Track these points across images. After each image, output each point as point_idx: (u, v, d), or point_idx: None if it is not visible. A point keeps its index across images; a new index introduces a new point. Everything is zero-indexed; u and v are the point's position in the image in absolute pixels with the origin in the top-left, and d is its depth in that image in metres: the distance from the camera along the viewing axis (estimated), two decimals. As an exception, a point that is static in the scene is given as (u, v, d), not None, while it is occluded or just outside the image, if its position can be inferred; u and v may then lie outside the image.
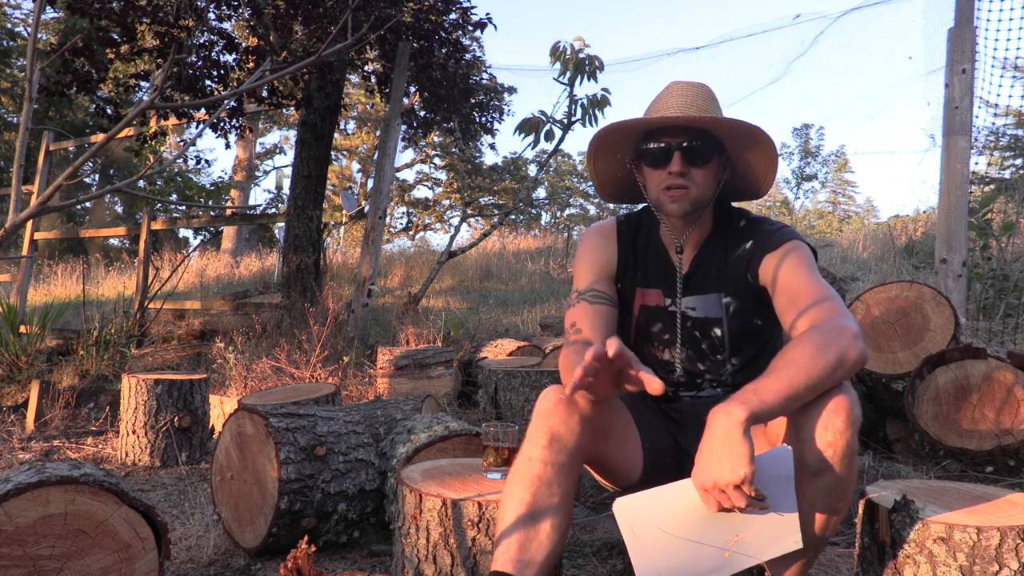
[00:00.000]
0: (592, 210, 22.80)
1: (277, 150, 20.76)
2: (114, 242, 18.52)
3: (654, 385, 1.13)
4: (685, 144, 1.38)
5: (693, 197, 1.40)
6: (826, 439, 1.15)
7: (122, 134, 6.30)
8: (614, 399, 1.48)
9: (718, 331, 1.47)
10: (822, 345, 1.16)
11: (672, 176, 1.38)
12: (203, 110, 6.02)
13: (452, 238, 6.52)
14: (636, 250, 1.53)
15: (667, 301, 1.50)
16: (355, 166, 21.39)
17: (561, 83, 5.64)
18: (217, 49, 5.82)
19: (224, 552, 2.03)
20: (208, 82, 5.83)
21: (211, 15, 5.81)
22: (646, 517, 1.17)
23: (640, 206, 1.59)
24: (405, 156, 19.87)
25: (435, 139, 17.45)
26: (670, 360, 1.52)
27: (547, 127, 5.66)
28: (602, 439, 1.38)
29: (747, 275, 1.43)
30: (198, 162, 7.31)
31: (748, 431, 1.08)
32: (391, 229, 20.39)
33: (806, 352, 1.16)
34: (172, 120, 6.47)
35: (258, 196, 22.18)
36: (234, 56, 5.95)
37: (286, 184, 20.78)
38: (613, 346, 1.11)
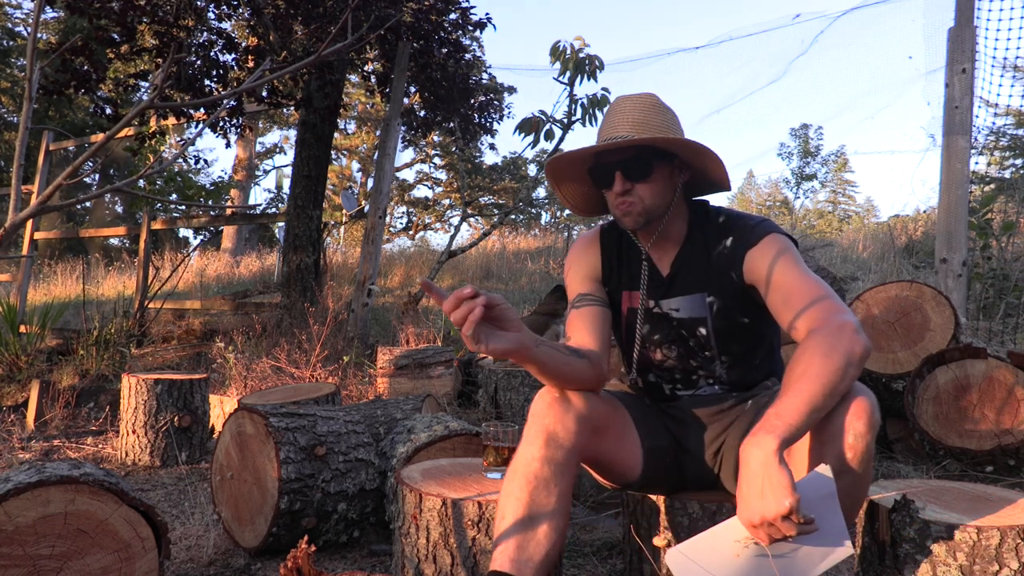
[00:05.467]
0: (592, 210, 22.76)
1: (277, 150, 20.75)
2: (114, 242, 18.52)
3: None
4: (623, 161, 1.40)
5: (640, 210, 1.41)
6: (847, 441, 1.16)
7: (122, 134, 6.30)
8: (611, 398, 1.48)
9: (703, 330, 1.48)
10: (828, 349, 1.16)
11: (616, 195, 1.42)
12: (203, 110, 6.02)
13: (452, 238, 6.52)
14: (620, 255, 1.55)
15: (650, 303, 1.51)
16: (355, 166, 21.38)
17: (561, 83, 5.64)
18: (217, 49, 5.83)
19: (224, 552, 2.03)
20: (208, 82, 5.84)
21: (211, 14, 5.81)
22: (701, 562, 1.16)
23: None
24: (405, 156, 19.87)
25: (435, 139, 17.46)
26: (664, 359, 1.53)
27: (547, 127, 5.66)
28: (599, 438, 1.38)
29: (731, 274, 1.43)
30: (198, 162, 7.30)
31: (783, 459, 1.08)
32: (391, 229, 20.38)
33: (814, 360, 1.16)
34: (172, 120, 6.47)
35: (258, 196, 22.18)
36: (234, 56, 5.95)
37: (286, 184, 20.79)
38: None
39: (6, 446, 3.29)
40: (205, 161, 7.23)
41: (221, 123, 6.06)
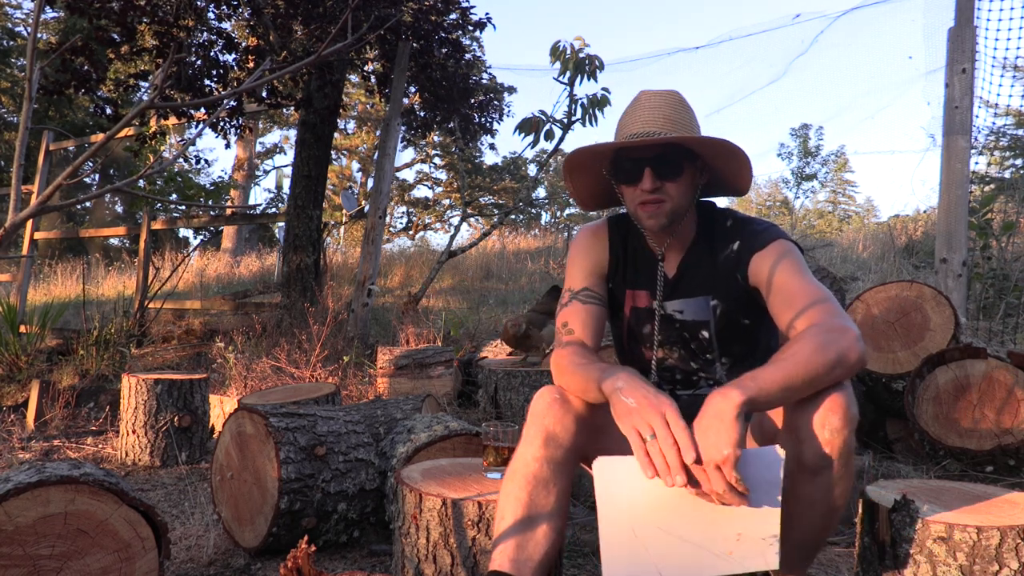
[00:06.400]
0: (592, 210, 22.77)
1: (277, 150, 20.76)
2: (114, 242, 18.52)
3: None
4: (655, 158, 1.36)
5: (668, 210, 1.38)
6: (824, 437, 1.15)
7: (122, 134, 6.30)
8: None
9: (705, 333, 1.47)
10: (824, 343, 1.16)
11: (645, 192, 1.37)
12: (203, 110, 6.02)
13: (452, 238, 6.52)
14: (626, 252, 1.54)
15: (654, 304, 1.50)
16: (355, 166, 21.39)
17: (561, 83, 5.64)
18: (217, 49, 5.83)
19: (224, 552, 2.03)
20: (208, 82, 5.83)
21: (211, 14, 5.81)
22: (624, 482, 1.15)
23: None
24: (405, 156, 19.90)
25: (435, 139, 17.46)
26: (664, 358, 1.53)
27: (547, 127, 5.65)
28: (598, 438, 1.38)
29: (736, 276, 1.42)
30: (198, 162, 7.30)
31: (741, 416, 1.08)
32: (391, 229, 20.38)
33: (807, 347, 1.16)
34: (172, 120, 6.47)
35: (258, 196, 22.17)
36: (234, 56, 5.95)
37: (286, 184, 20.77)
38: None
39: (6, 446, 3.29)
40: (206, 161, 7.24)
41: (221, 123, 6.06)
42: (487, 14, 6.28)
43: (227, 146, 6.44)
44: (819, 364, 1.14)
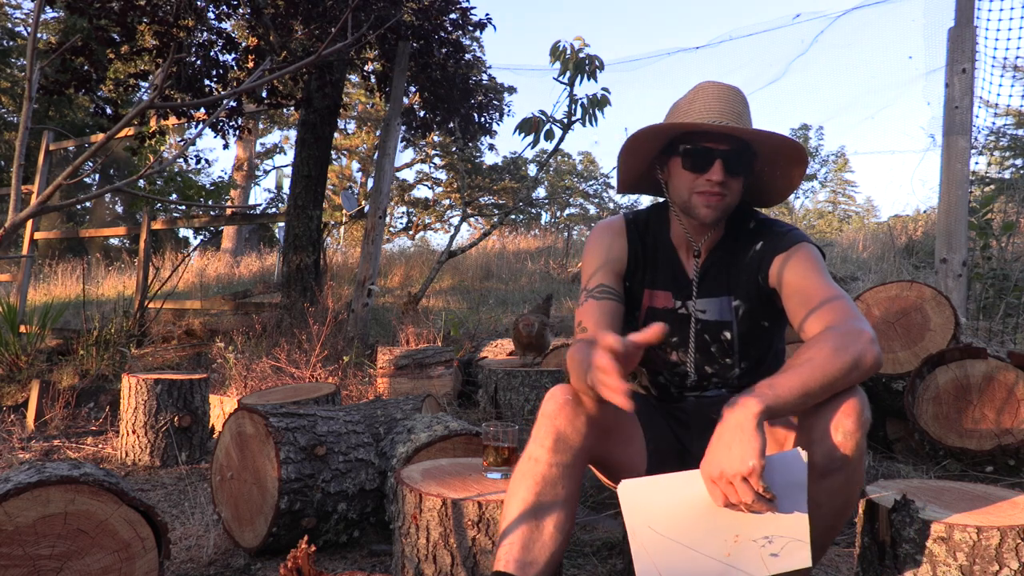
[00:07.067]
0: (592, 210, 22.78)
1: (277, 150, 20.74)
2: (114, 242, 18.52)
3: (654, 331, 1.15)
4: (727, 152, 1.36)
5: (726, 204, 1.39)
6: (836, 440, 1.15)
7: (122, 134, 6.29)
8: None
9: (728, 334, 1.47)
10: (839, 346, 1.16)
11: (711, 183, 1.37)
12: (203, 110, 6.02)
13: (452, 238, 6.52)
14: (646, 250, 1.52)
15: (677, 303, 1.49)
16: (355, 166, 21.37)
17: (561, 83, 5.64)
18: (217, 49, 5.83)
19: (224, 552, 2.03)
20: (208, 82, 5.84)
21: (210, 14, 5.81)
22: (651, 502, 1.15)
23: (648, 204, 1.59)
24: (405, 156, 19.86)
25: (435, 139, 17.45)
26: (679, 362, 1.51)
27: (547, 127, 5.65)
28: (607, 439, 1.38)
29: (757, 277, 1.42)
30: (198, 162, 7.30)
31: (762, 425, 1.08)
32: (391, 229, 20.35)
33: (823, 351, 1.15)
34: (172, 120, 6.47)
35: (258, 196, 22.15)
36: (234, 56, 5.95)
37: (286, 184, 20.77)
38: (617, 343, 1.12)
39: (6, 446, 3.29)
40: (206, 161, 7.22)
41: (220, 123, 6.06)
42: (487, 15, 6.28)
43: (225, 146, 6.44)
44: (836, 368, 1.14)
